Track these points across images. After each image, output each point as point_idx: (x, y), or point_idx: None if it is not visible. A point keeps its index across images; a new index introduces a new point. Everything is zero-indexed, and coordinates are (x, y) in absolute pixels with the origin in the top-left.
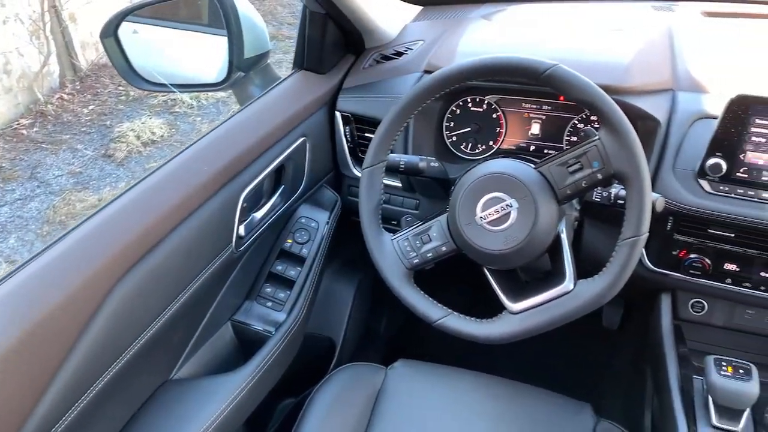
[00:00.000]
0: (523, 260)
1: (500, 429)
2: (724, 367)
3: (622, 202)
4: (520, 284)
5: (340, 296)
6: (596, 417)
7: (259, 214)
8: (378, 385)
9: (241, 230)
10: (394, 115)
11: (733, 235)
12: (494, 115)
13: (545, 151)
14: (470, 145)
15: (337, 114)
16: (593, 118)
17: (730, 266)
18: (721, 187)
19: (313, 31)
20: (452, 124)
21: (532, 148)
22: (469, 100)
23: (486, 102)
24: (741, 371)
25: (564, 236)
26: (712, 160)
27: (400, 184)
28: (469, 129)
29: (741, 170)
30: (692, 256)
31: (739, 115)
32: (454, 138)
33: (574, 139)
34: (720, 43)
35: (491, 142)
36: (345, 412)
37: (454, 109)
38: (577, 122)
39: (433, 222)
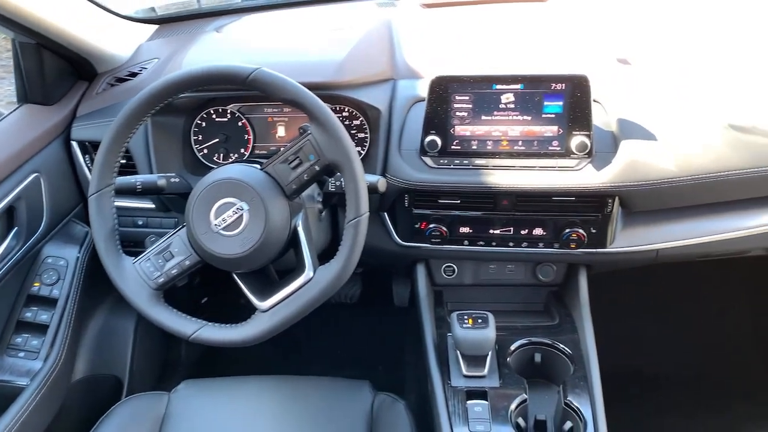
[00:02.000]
0: (265, 259)
1: (283, 424)
2: (465, 320)
3: None
4: (272, 283)
5: (120, 331)
6: (374, 392)
7: None
8: (162, 412)
9: None
10: (108, 139)
11: (458, 201)
12: (239, 123)
13: None
14: (222, 155)
15: (74, 143)
16: None
17: (464, 229)
18: (441, 161)
19: (28, 62)
20: (200, 137)
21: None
22: (212, 111)
23: (229, 111)
24: (479, 321)
25: (300, 229)
26: (428, 138)
27: (153, 206)
28: (217, 140)
29: (454, 143)
30: (431, 226)
31: (441, 95)
32: (205, 150)
33: None
34: (436, 31)
35: (242, 150)
36: None
37: (199, 122)
38: None
39: (172, 238)
